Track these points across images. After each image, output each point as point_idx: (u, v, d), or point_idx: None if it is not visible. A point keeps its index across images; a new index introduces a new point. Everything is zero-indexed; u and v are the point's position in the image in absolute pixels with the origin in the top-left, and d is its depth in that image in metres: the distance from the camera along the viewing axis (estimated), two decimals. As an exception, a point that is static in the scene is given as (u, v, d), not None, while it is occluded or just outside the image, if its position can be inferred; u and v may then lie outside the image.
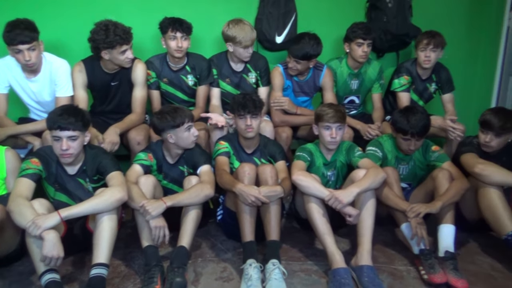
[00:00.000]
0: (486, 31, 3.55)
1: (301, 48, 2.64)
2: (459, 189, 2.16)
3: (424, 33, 2.84)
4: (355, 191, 2.02)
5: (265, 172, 2.14)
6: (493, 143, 2.27)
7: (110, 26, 2.36)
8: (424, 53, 2.80)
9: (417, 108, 2.33)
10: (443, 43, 2.80)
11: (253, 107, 2.23)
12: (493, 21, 3.52)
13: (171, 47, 2.62)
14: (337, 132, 2.24)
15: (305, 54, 2.65)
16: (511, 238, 2.02)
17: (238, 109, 2.24)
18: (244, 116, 2.24)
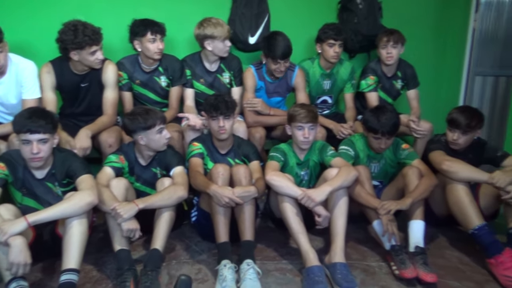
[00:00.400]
0: (453, 32, 3.66)
1: (280, 47, 2.65)
2: (428, 185, 2.21)
3: (383, 32, 2.93)
4: (327, 189, 2.04)
5: (239, 172, 2.14)
6: (460, 141, 2.34)
7: (79, 26, 2.31)
8: (386, 50, 2.88)
9: (387, 108, 2.38)
10: (403, 39, 2.89)
11: (226, 108, 2.22)
12: (459, 23, 3.63)
13: (150, 49, 2.60)
14: (309, 132, 2.26)
15: (285, 52, 2.66)
16: (477, 232, 2.08)
17: (211, 111, 2.23)
18: (216, 117, 2.23)
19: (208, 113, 2.26)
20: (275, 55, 2.65)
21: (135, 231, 1.91)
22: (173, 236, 2.31)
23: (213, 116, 2.24)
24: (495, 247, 2.03)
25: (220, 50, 2.71)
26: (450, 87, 3.72)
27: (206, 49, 2.73)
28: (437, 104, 3.62)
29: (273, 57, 2.67)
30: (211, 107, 2.23)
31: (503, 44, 3.70)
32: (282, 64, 2.70)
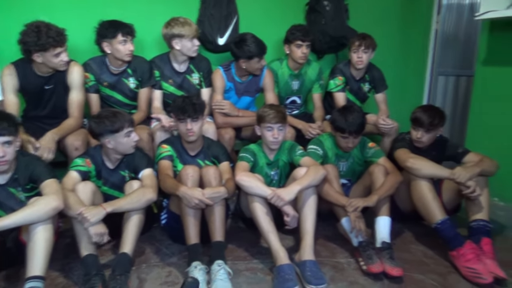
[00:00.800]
0: (417, 33, 3.77)
1: (256, 45, 2.67)
2: (394, 182, 2.28)
3: (356, 35, 2.98)
4: (296, 188, 2.07)
5: (209, 173, 2.14)
6: (424, 139, 2.42)
7: (42, 28, 2.25)
8: (357, 54, 2.93)
9: (354, 108, 2.43)
10: (374, 45, 2.94)
11: (193, 111, 2.21)
12: (422, 25, 3.74)
13: (122, 51, 2.56)
14: (278, 132, 2.28)
15: (262, 49, 2.69)
16: (440, 226, 2.16)
17: (178, 113, 2.22)
18: (184, 120, 2.22)
19: (176, 115, 2.24)
20: (250, 53, 2.66)
21: (103, 235, 1.88)
22: (142, 239, 2.29)
23: (181, 118, 2.22)
24: (456, 240, 2.11)
25: (189, 49, 2.70)
26: (415, 87, 3.83)
27: (174, 49, 2.71)
28: (402, 103, 3.72)
29: (250, 56, 2.67)
30: (179, 110, 2.21)
31: (463, 45, 3.85)
32: (260, 61, 2.72)
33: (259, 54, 2.69)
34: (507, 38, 2.82)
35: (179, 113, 2.21)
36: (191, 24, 2.68)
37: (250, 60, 2.70)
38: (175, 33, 2.63)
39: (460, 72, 3.92)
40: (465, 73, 3.92)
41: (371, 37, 2.95)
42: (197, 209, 2.05)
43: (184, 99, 2.24)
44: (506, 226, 2.64)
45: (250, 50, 2.67)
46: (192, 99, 2.24)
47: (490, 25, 2.93)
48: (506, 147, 2.84)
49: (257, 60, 2.71)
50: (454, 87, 3.95)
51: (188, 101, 2.22)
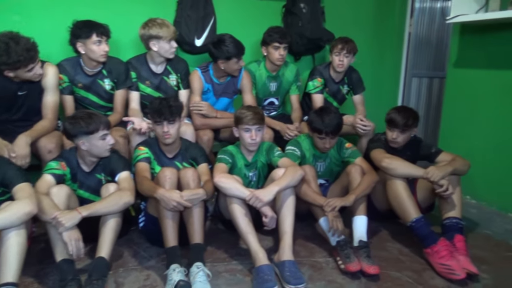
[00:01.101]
0: (391, 36, 3.85)
1: (234, 46, 2.67)
2: (370, 182, 2.32)
3: (339, 39, 3.01)
4: (274, 189, 2.08)
5: (187, 175, 2.13)
6: (399, 139, 2.47)
7: (11, 44, 2.10)
8: (338, 57, 2.97)
9: (330, 109, 2.46)
10: (355, 50, 3.00)
11: (169, 113, 2.19)
12: (396, 27, 3.83)
13: (96, 52, 2.51)
14: (256, 133, 2.29)
15: (240, 49, 2.69)
16: (414, 225, 2.21)
17: (154, 116, 2.20)
18: (160, 122, 2.20)
19: (152, 118, 2.22)
20: (230, 54, 2.66)
21: (77, 241, 1.82)
22: (120, 243, 2.25)
23: (157, 121, 2.21)
24: (431, 238, 2.16)
25: (166, 51, 2.68)
26: (390, 88, 3.92)
27: (151, 50, 2.69)
28: (378, 105, 3.78)
29: (229, 57, 2.67)
30: (155, 112, 2.19)
31: (435, 48, 3.97)
32: (239, 62, 2.73)
33: (237, 55, 2.70)
34: (477, 41, 2.91)
35: (155, 115, 2.19)
36: (169, 25, 2.66)
37: (228, 60, 2.71)
38: (153, 34, 2.61)
39: (433, 74, 4.03)
40: (438, 75, 4.03)
41: (353, 41, 3.00)
42: (175, 211, 2.03)
43: (160, 101, 2.22)
44: (478, 223, 2.72)
45: (229, 51, 2.67)
46: (169, 101, 2.21)
47: (460, 28, 3.02)
48: (477, 147, 2.94)
49: (236, 60, 2.72)
50: (428, 89, 4.06)
51: (165, 103, 2.20)
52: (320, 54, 3.54)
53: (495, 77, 2.80)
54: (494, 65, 2.81)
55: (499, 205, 2.84)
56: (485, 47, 2.85)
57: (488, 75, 2.85)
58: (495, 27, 2.76)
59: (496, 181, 2.85)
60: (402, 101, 3.89)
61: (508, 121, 2.74)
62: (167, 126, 2.20)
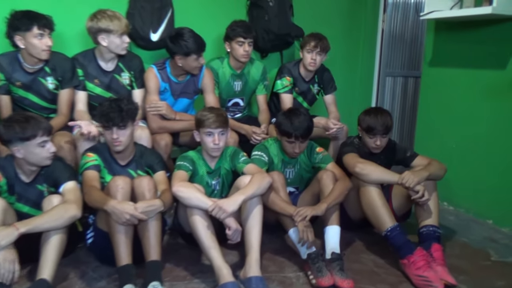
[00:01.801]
0: (364, 33, 3.97)
1: (194, 41, 2.65)
2: (343, 189, 2.36)
3: (312, 35, 3.06)
4: (240, 198, 2.09)
5: (142, 185, 2.10)
6: (382, 144, 2.54)
7: None
8: (311, 55, 3.02)
9: (300, 110, 2.49)
10: (328, 48, 3.06)
11: (120, 118, 2.14)
12: (369, 23, 3.94)
13: (37, 46, 2.44)
14: (219, 137, 2.29)
15: (200, 45, 2.68)
16: (389, 234, 2.27)
17: (102, 120, 2.15)
18: (109, 128, 2.16)
19: (100, 122, 2.17)
20: (189, 49, 2.65)
21: (12, 262, 1.75)
22: (65, 262, 2.19)
23: (106, 126, 2.16)
24: (407, 248, 2.22)
25: (117, 46, 2.64)
26: (363, 88, 4.03)
27: (100, 45, 2.64)
28: (350, 105, 3.89)
29: (187, 53, 2.66)
30: (103, 117, 2.15)
31: (410, 45, 4.11)
32: (199, 58, 2.72)
33: (197, 51, 2.69)
34: (452, 39, 3.05)
35: (103, 120, 2.15)
36: (121, 18, 2.63)
37: (187, 57, 2.69)
38: (102, 27, 2.57)
39: (407, 73, 4.17)
40: (413, 74, 4.18)
41: (327, 39, 3.06)
42: (129, 225, 2.00)
43: (110, 104, 2.16)
44: (455, 230, 2.83)
45: (188, 46, 2.66)
46: (120, 104, 2.16)
47: (435, 25, 3.15)
48: (453, 149, 3.07)
49: (195, 57, 2.71)
50: (403, 89, 4.20)
51: (115, 106, 2.15)
52: (288, 51, 3.59)
53: (471, 76, 2.94)
54: (470, 64, 2.94)
55: (477, 212, 2.97)
56: (461, 45, 2.98)
57: (465, 74, 2.98)
58: (470, 24, 2.89)
59: (473, 186, 2.98)
60: (376, 101, 4.01)
61: (486, 122, 2.87)
62: (116, 132, 2.16)
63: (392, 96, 4.17)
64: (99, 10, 2.62)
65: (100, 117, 2.17)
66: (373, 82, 4.00)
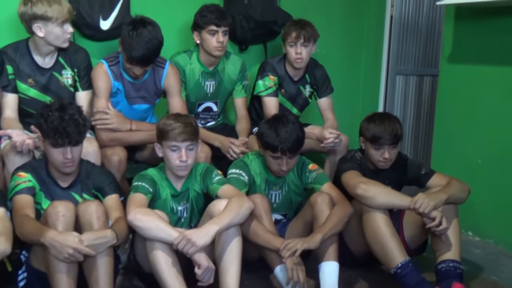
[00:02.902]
0: (367, 20, 4.05)
1: (141, 45, 2.64)
2: (342, 216, 2.43)
3: (291, 24, 3.13)
4: (213, 229, 2.13)
5: (88, 211, 2.13)
6: (392, 156, 2.60)
7: None
8: (294, 49, 3.08)
9: (287, 117, 2.55)
10: (316, 35, 3.13)
11: (77, 134, 2.17)
12: (374, 9, 4.04)
13: None
14: (187, 153, 2.32)
15: (144, 56, 2.67)
16: (400, 271, 2.34)
17: (55, 138, 2.15)
18: (62, 146, 2.18)
19: (48, 138, 2.18)
20: (130, 55, 2.67)
21: None
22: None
23: (58, 144, 2.18)
24: (421, 288, 2.30)
25: (57, 37, 2.67)
26: (368, 89, 4.10)
27: (36, 36, 2.67)
28: (352, 111, 3.96)
29: (129, 58, 2.69)
30: (56, 133, 2.14)
31: (425, 37, 4.21)
32: (140, 69, 2.75)
33: (136, 60, 2.69)
34: (476, 29, 3.13)
35: (56, 137, 2.15)
36: (62, 2, 2.66)
37: (127, 60, 2.73)
38: (38, 13, 2.59)
39: (422, 71, 4.28)
40: (429, 72, 4.29)
41: (311, 24, 3.13)
42: (72, 262, 2.02)
43: (61, 115, 2.16)
44: (482, 267, 2.90)
45: (126, 47, 2.66)
46: (73, 115, 2.18)
47: (455, 12, 3.25)
48: (478, 165, 3.14)
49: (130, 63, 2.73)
50: (417, 90, 4.30)
51: (69, 118, 2.16)
52: (274, 43, 3.64)
53: (500, 74, 3.04)
54: (498, 60, 3.04)
55: (508, 243, 3.04)
56: (487, 36, 3.07)
57: (492, 72, 3.08)
58: (498, 11, 2.97)
59: (504, 212, 3.06)
60: (384, 106, 4.09)
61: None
62: (71, 151, 2.19)
63: (403, 100, 4.27)
64: None
65: (51, 133, 2.15)
66: (380, 82, 4.08)
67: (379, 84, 4.09)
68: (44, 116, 2.19)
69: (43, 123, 2.19)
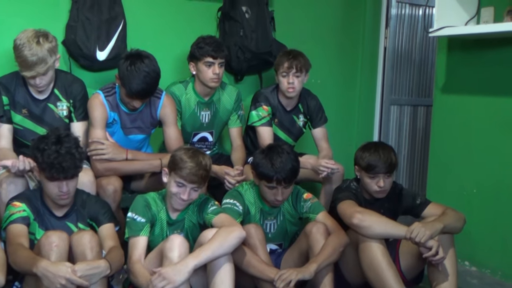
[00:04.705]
0: (362, 51, 4.10)
1: (139, 80, 2.65)
2: (337, 246, 2.43)
3: (284, 54, 3.16)
4: (190, 264, 2.10)
5: (82, 241, 2.13)
6: (387, 185, 2.63)
7: None
8: (286, 79, 3.11)
9: (282, 147, 2.58)
10: (308, 66, 3.16)
11: (73, 168, 2.19)
12: (368, 40, 4.09)
13: None
14: (190, 193, 2.33)
15: (143, 90, 2.68)
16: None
17: (52, 172, 2.16)
18: (58, 179, 2.19)
19: (45, 172, 2.19)
20: (129, 89, 2.68)
21: None
22: None
23: (53, 178, 2.19)
24: (418, 319, 2.30)
25: (28, 82, 2.66)
26: (362, 119, 4.13)
27: None
28: (347, 141, 3.98)
29: (129, 92, 2.70)
30: (52, 168, 2.15)
31: (418, 67, 4.28)
32: (139, 102, 2.77)
33: (134, 94, 2.69)
34: (468, 60, 3.19)
35: (53, 172, 2.16)
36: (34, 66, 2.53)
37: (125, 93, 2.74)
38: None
39: (416, 101, 4.34)
40: (423, 103, 4.34)
41: (303, 54, 3.17)
42: (65, 293, 2.02)
43: (57, 149, 2.17)
44: (480, 297, 2.91)
45: (125, 81, 2.67)
46: (70, 149, 2.19)
47: (448, 43, 3.31)
48: (474, 195, 3.16)
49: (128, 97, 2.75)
50: (411, 120, 4.35)
51: (65, 152, 2.16)
52: (269, 73, 3.66)
53: (494, 105, 3.08)
54: (491, 90, 3.08)
55: (506, 273, 3.03)
56: (479, 67, 3.13)
57: (486, 103, 3.12)
58: (490, 42, 3.04)
59: (500, 241, 3.06)
60: (379, 136, 4.12)
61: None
62: (67, 184, 2.21)
63: (398, 130, 4.31)
64: (19, 41, 2.55)
65: (47, 168, 2.16)
66: (375, 112, 4.12)
67: (373, 114, 4.13)
68: (40, 149, 2.19)
69: (39, 157, 2.19)
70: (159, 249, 2.26)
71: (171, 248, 2.17)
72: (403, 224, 2.49)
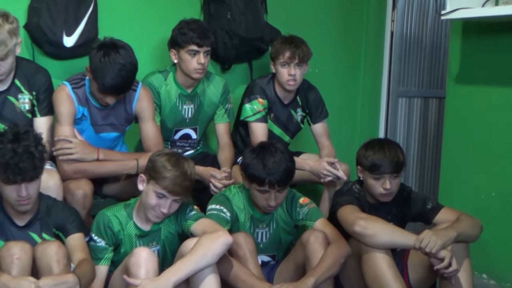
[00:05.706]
0: (366, 36, 4.11)
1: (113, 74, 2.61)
2: (337, 257, 2.43)
3: (284, 42, 3.13)
4: (170, 280, 2.10)
5: (48, 253, 2.12)
6: (394, 187, 2.62)
7: None
8: (287, 69, 3.09)
9: (275, 146, 2.57)
10: (310, 55, 3.15)
11: (33, 168, 2.17)
12: (372, 24, 4.10)
13: None
14: (171, 205, 2.32)
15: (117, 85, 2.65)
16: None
17: (6, 173, 2.14)
18: (15, 183, 2.17)
19: (1, 174, 2.16)
20: (102, 84, 2.63)
21: None
22: None
23: (9, 181, 2.18)
24: (428, 339, 2.31)
25: None
26: (367, 114, 4.14)
27: None
28: (349, 138, 3.99)
29: (102, 87, 2.66)
30: (7, 169, 2.13)
31: (429, 55, 4.27)
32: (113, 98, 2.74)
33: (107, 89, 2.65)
34: (486, 46, 3.19)
35: (8, 173, 2.14)
36: None
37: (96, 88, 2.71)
38: None
39: (427, 93, 4.34)
40: (435, 94, 4.35)
41: (305, 42, 3.15)
42: (28, 311, 2.01)
43: (13, 148, 2.15)
44: (498, 314, 2.93)
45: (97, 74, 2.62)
46: (28, 147, 2.16)
47: (462, 27, 3.31)
48: (492, 198, 3.17)
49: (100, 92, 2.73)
50: (421, 114, 4.35)
51: (23, 152, 2.15)
52: (260, 61, 3.67)
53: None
54: (510, 79, 3.09)
55: (528, 287, 3.07)
56: (498, 54, 3.13)
57: (504, 94, 3.13)
58: (510, 26, 3.03)
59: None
60: (385, 132, 4.12)
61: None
62: (26, 188, 2.19)
63: (407, 125, 4.31)
64: None
65: (2, 169, 2.14)
66: (381, 105, 4.12)
67: (379, 107, 4.13)
68: (5, 153, 2.15)
69: None
70: (124, 265, 2.26)
71: (137, 263, 2.16)
72: (412, 232, 2.49)
